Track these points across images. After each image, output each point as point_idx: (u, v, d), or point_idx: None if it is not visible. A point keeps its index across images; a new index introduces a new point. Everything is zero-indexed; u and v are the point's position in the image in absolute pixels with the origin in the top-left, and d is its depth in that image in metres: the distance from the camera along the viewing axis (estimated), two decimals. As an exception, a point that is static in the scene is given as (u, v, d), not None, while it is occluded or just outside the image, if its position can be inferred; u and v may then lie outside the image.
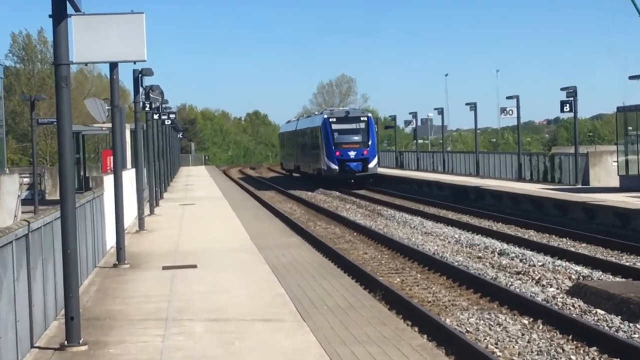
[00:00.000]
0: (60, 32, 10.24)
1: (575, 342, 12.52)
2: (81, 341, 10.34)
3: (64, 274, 10.42)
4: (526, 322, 14.00)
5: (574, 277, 17.96)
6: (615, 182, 34.08)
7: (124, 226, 18.11)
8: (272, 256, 17.78)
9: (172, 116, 38.70)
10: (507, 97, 44.95)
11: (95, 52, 13.03)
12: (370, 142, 51.44)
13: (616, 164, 34.59)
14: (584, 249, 22.46)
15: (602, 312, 14.37)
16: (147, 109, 28.53)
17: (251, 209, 31.08)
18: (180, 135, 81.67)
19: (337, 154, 50.83)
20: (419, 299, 16.17)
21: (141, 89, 26.60)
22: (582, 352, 12.09)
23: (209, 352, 10.00)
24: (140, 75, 25.95)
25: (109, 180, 19.21)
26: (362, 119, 52.20)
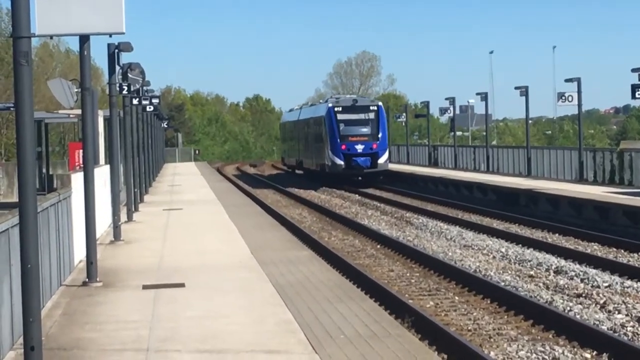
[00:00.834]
0: (19, -2, 10.25)
1: (649, 382, 12.52)
2: (43, 376, 10.35)
3: (22, 294, 10.41)
4: (588, 356, 14.00)
5: (647, 301, 17.94)
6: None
7: (95, 236, 18.13)
8: (278, 274, 17.80)
9: (155, 101, 38.71)
10: (566, 80, 44.84)
11: (62, 23, 13.08)
12: (380, 135, 53.31)
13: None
14: (660, 266, 22.45)
15: (683, 345, 14.35)
16: (124, 92, 28.55)
17: (252, 216, 31.14)
18: (165, 124, 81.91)
19: (343, 147, 52.52)
20: (456, 327, 16.18)
21: (118, 68, 26.61)
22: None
23: (199, 390, 10.04)
24: (116, 51, 25.97)
25: (77, 179, 19.24)
26: (371, 108, 54.14)
